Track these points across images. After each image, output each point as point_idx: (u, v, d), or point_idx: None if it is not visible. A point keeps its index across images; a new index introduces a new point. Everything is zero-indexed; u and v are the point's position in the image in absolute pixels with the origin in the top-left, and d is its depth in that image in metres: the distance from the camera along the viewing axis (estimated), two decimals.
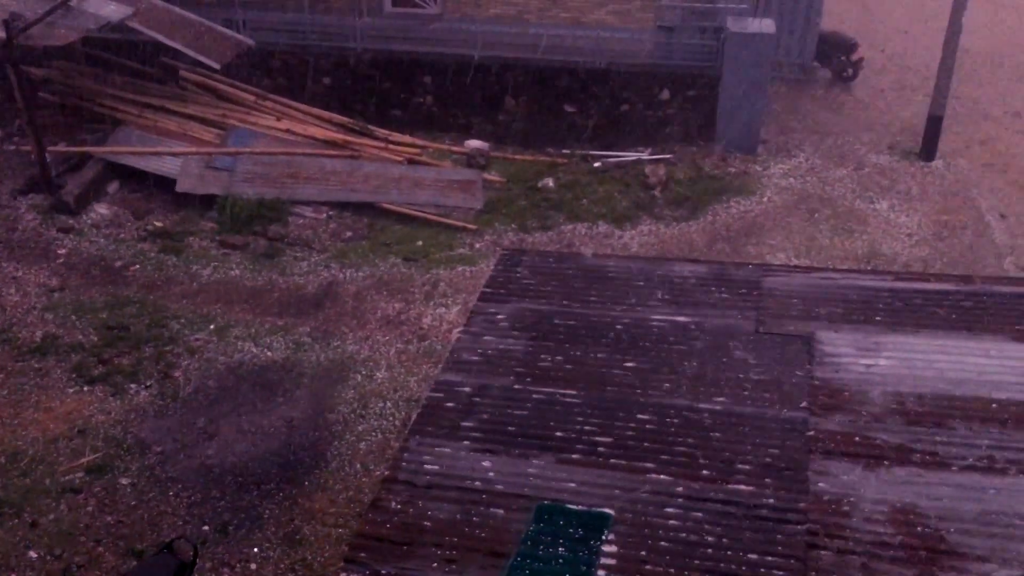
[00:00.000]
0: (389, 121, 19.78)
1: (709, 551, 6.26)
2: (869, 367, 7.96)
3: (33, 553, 10.21)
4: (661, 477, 6.89)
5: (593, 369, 8.12)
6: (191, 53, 17.76)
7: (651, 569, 6.17)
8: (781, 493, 6.70)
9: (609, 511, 6.60)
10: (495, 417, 7.61)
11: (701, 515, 6.55)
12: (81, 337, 13.62)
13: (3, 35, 15.97)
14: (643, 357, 8.24)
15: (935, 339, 8.26)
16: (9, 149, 18.50)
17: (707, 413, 7.54)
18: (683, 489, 6.78)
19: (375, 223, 16.97)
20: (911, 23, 26.47)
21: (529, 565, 6.25)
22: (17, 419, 12.08)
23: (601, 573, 6.17)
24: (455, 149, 18.94)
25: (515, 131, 19.78)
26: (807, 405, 7.56)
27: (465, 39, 19.53)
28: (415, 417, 7.86)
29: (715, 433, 7.32)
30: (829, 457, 7.02)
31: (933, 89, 18.92)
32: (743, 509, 6.58)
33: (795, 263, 15.35)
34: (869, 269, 15.03)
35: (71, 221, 16.43)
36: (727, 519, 6.51)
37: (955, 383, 7.69)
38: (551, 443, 7.29)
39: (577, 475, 6.97)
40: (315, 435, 11.89)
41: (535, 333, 8.65)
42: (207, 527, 10.58)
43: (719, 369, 8.05)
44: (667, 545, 6.33)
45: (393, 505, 6.83)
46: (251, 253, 15.99)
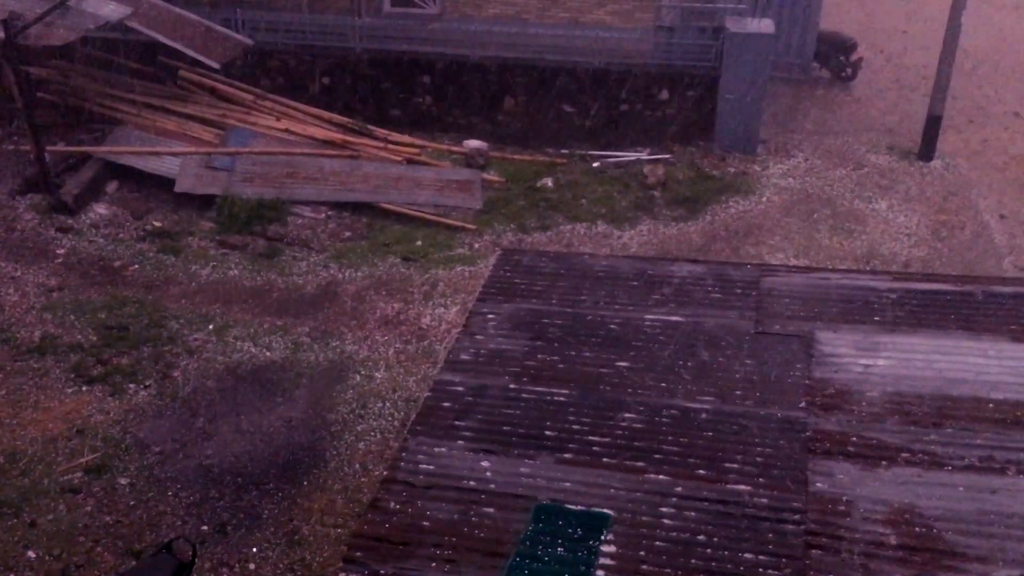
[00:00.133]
0: (388, 121, 19.79)
1: (708, 551, 6.26)
2: (868, 367, 7.95)
3: (32, 553, 10.20)
4: (659, 477, 6.89)
5: (591, 369, 8.11)
6: (190, 53, 17.76)
7: (649, 569, 6.17)
8: (780, 493, 6.70)
9: (608, 511, 6.60)
10: (493, 417, 7.60)
11: (699, 515, 6.55)
12: (80, 337, 13.61)
13: (2, 35, 15.96)
14: (641, 357, 8.24)
15: (934, 339, 8.25)
16: (8, 149, 18.49)
17: (705, 413, 7.54)
18: (681, 489, 6.78)
19: (374, 223, 16.96)
20: (910, 23, 26.48)
21: (528, 565, 6.25)
22: (16, 419, 12.07)
23: (600, 573, 6.17)
24: (454, 149, 18.94)
25: (514, 131, 19.78)
26: (806, 405, 7.56)
27: (464, 39, 19.53)
28: (414, 417, 7.85)
29: (713, 433, 7.31)
30: (828, 457, 7.02)
31: (932, 89, 18.93)
32: (742, 509, 6.58)
33: (794, 263, 15.35)
34: (868, 269, 15.03)
35: (70, 221, 16.43)
36: (725, 519, 6.50)
37: (954, 383, 7.69)
38: (549, 443, 7.28)
39: (576, 475, 6.97)
40: (314, 435, 11.89)
41: (534, 333, 8.64)
42: (206, 527, 10.58)
43: (718, 369, 8.05)
44: (665, 545, 6.33)
45: (392, 505, 6.82)
46: (250, 253, 15.98)
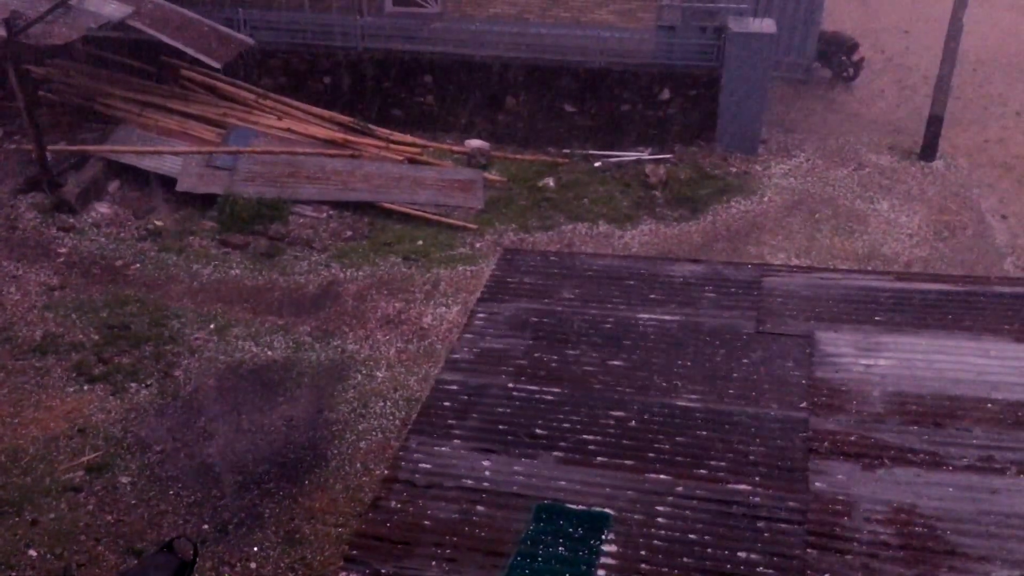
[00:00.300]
0: (390, 120, 19.80)
1: (708, 551, 6.26)
2: (869, 367, 7.95)
3: (33, 552, 10.21)
4: (660, 477, 6.90)
5: (592, 369, 8.12)
6: (192, 52, 17.77)
7: (650, 569, 6.17)
8: (781, 493, 6.70)
9: (609, 511, 6.61)
10: (495, 417, 7.61)
11: (700, 515, 6.55)
12: (81, 336, 13.62)
13: (4, 33, 15.98)
14: (642, 357, 8.24)
15: (935, 339, 8.25)
16: (9, 148, 18.50)
17: (705, 413, 7.54)
18: (682, 489, 6.78)
19: (376, 223, 16.97)
20: (912, 23, 26.47)
21: (529, 565, 6.25)
22: (17, 418, 12.08)
23: (601, 573, 6.17)
24: (456, 149, 18.95)
25: (516, 131, 19.79)
26: (807, 405, 7.56)
27: (466, 38, 19.54)
28: (415, 416, 7.86)
29: (714, 433, 7.32)
30: (829, 457, 7.02)
31: (934, 89, 18.92)
32: (742, 509, 6.58)
33: (795, 263, 15.36)
34: (869, 269, 15.03)
35: (71, 220, 16.44)
36: (726, 519, 6.51)
37: (955, 383, 7.69)
38: (550, 443, 7.28)
39: (576, 475, 6.97)
40: (315, 434, 11.90)
41: (535, 333, 8.65)
42: (207, 526, 10.59)
43: (719, 369, 8.05)
44: (666, 545, 6.33)
45: (393, 504, 6.83)
46: (251, 252, 16.00)
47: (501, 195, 17.73)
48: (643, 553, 6.28)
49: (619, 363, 8.17)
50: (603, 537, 6.39)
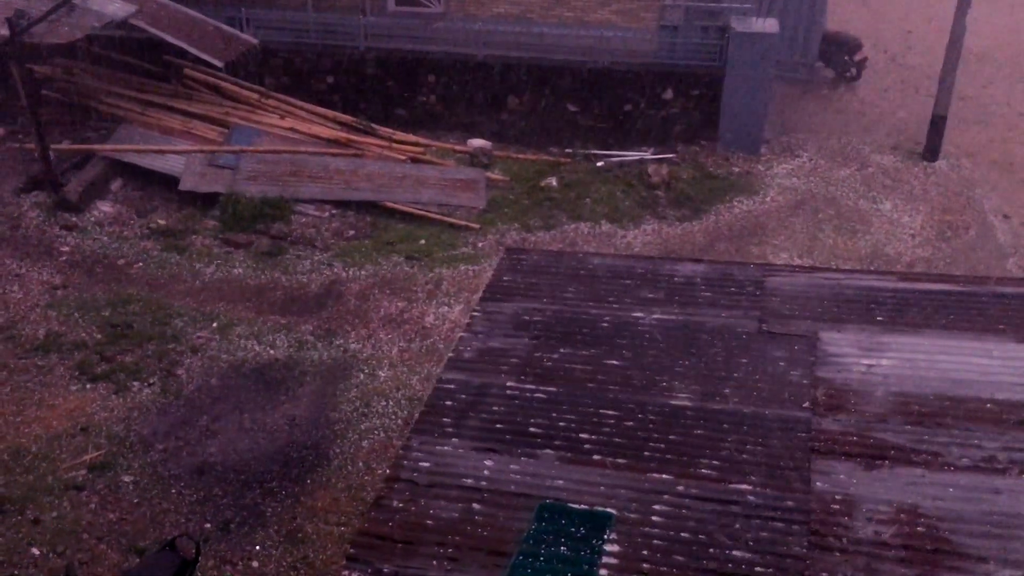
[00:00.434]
0: (392, 120, 19.80)
1: (710, 551, 6.27)
2: (872, 367, 7.95)
3: (36, 550, 10.22)
4: (662, 476, 6.90)
5: (595, 368, 8.12)
6: (195, 51, 17.78)
7: (652, 568, 6.17)
8: (783, 493, 6.70)
9: (611, 510, 6.60)
10: (497, 416, 7.61)
11: (703, 514, 6.55)
12: (84, 335, 13.64)
13: (7, 32, 15.99)
14: (644, 357, 8.24)
15: (938, 339, 8.25)
16: (13, 146, 18.52)
17: (707, 413, 7.54)
18: (684, 488, 6.78)
19: (378, 222, 16.97)
20: (915, 23, 26.44)
21: (531, 564, 6.25)
22: (20, 416, 12.10)
23: (603, 572, 6.17)
24: (458, 148, 18.94)
25: (518, 130, 19.78)
26: (809, 405, 7.56)
27: (469, 38, 19.54)
28: (417, 416, 7.86)
29: (716, 433, 7.32)
30: (831, 457, 7.02)
31: (937, 89, 18.90)
32: (745, 509, 6.58)
33: (798, 263, 15.35)
34: (872, 269, 15.02)
35: (74, 219, 16.45)
36: (729, 519, 6.51)
37: (958, 383, 7.69)
38: (552, 442, 7.29)
39: (578, 474, 6.97)
40: (317, 433, 11.90)
41: (538, 332, 8.65)
42: (209, 525, 10.59)
43: (721, 369, 8.05)
44: (668, 544, 6.33)
45: (395, 504, 6.83)
46: (254, 251, 16.00)
47: (503, 195, 17.73)
48: (645, 552, 6.29)
49: (621, 363, 8.17)
50: (605, 536, 6.39)
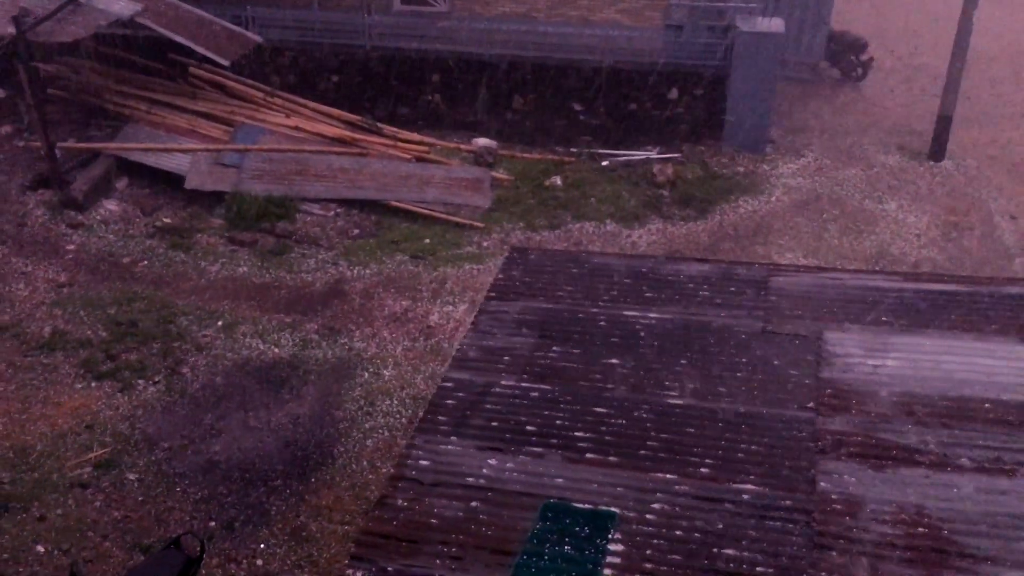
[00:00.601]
0: (397, 119, 19.81)
1: (714, 551, 6.26)
2: (877, 367, 7.94)
3: (40, 547, 10.25)
4: (667, 476, 6.89)
5: (600, 368, 8.11)
6: (200, 50, 17.80)
7: (656, 568, 6.17)
8: (788, 493, 6.69)
9: (615, 510, 6.60)
10: (501, 415, 7.61)
11: (707, 514, 6.54)
12: (89, 333, 13.66)
13: (13, 31, 16.03)
14: (648, 356, 8.24)
15: (943, 340, 8.23)
16: (18, 145, 18.57)
17: (712, 412, 7.53)
18: (689, 488, 6.77)
19: (383, 221, 16.98)
20: (921, 23, 26.39)
21: (535, 563, 6.25)
22: (25, 414, 12.13)
23: (607, 572, 6.17)
24: (463, 147, 18.95)
25: (523, 129, 19.78)
26: (814, 405, 7.55)
27: (474, 37, 19.53)
28: (422, 415, 7.86)
29: (722, 432, 7.31)
30: (835, 457, 7.01)
31: (943, 89, 18.86)
32: (749, 509, 6.57)
33: (803, 263, 15.33)
34: (877, 269, 14.99)
35: (80, 217, 16.49)
36: (733, 519, 6.50)
37: (963, 384, 7.67)
38: (557, 441, 7.29)
39: (583, 474, 6.97)
40: (322, 432, 11.91)
41: (541, 332, 8.64)
42: (214, 523, 10.61)
43: (726, 369, 8.04)
44: (672, 544, 6.33)
45: (399, 502, 6.83)
46: (259, 250, 16.03)
47: (508, 194, 17.73)
48: (649, 552, 6.28)
49: (624, 362, 8.16)
50: (609, 536, 6.39)
